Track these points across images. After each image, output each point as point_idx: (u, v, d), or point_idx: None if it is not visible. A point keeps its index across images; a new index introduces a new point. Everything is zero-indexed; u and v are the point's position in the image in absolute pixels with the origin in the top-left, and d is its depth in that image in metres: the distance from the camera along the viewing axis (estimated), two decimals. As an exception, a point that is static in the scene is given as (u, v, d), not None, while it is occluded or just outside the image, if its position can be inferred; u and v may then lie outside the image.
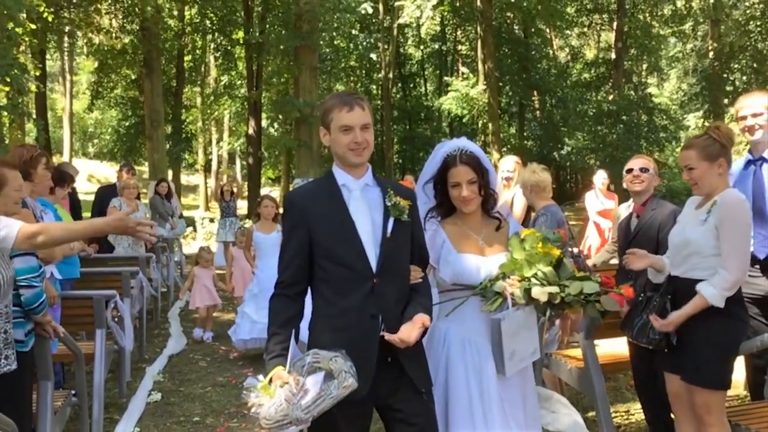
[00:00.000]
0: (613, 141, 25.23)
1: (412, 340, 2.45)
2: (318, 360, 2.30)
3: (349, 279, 2.49)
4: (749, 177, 3.99)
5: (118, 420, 4.92)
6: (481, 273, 2.87)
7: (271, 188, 31.27)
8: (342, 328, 2.47)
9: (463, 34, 31.63)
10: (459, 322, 2.87)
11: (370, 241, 2.51)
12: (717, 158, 3.09)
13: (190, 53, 24.57)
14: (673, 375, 3.22)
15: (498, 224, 3.00)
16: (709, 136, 3.13)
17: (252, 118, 22.46)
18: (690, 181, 3.17)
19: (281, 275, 2.57)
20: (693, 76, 28.27)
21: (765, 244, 3.88)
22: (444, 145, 3.02)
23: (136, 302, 6.61)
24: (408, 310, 2.55)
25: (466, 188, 2.88)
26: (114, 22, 19.68)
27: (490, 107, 23.37)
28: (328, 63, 25.24)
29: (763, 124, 3.94)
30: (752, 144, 4.02)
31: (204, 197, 28.31)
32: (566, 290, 2.76)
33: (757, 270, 3.88)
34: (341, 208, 2.53)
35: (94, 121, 40.10)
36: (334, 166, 2.63)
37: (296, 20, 16.47)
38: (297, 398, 2.22)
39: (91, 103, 25.30)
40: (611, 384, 5.42)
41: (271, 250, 6.53)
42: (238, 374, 6.22)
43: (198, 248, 8.82)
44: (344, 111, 2.51)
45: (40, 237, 2.82)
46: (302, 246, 2.51)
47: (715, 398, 3.09)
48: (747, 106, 4.00)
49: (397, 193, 2.59)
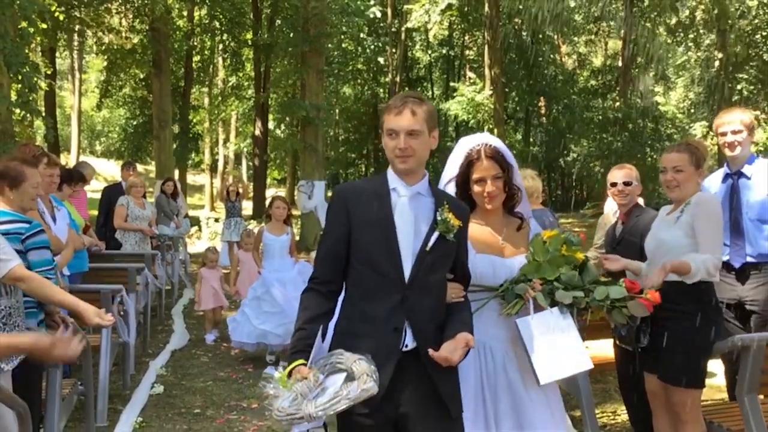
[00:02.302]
0: (618, 148, 25.33)
1: (456, 360, 2.32)
2: (341, 361, 2.23)
3: (379, 286, 2.38)
4: (727, 190, 4.18)
5: (121, 410, 5.11)
6: (500, 275, 2.79)
7: (276, 189, 31.46)
8: (362, 334, 2.37)
9: (471, 40, 31.79)
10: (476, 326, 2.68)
11: (409, 251, 2.39)
12: (700, 167, 3.27)
13: (199, 54, 24.78)
14: (651, 374, 3.38)
15: (519, 224, 2.91)
16: (696, 147, 3.29)
17: (259, 120, 22.66)
18: (672, 182, 3.31)
19: (316, 269, 2.50)
20: (699, 85, 28.37)
21: (740, 254, 4.07)
22: (466, 140, 2.93)
23: (141, 298, 6.80)
24: (449, 328, 2.42)
25: (491, 184, 2.77)
26: (124, 22, 19.93)
27: (496, 113, 23.51)
28: (336, 66, 25.43)
29: (742, 140, 4.11)
30: (731, 159, 4.19)
31: (209, 197, 28.50)
32: (591, 295, 2.71)
33: (732, 277, 4.06)
34: (386, 212, 2.42)
35: (102, 119, 40.41)
36: (389, 168, 2.51)
37: (304, 23, 16.66)
38: (313, 395, 2.17)
39: (100, 102, 25.56)
40: (601, 386, 5.58)
41: (280, 252, 6.57)
42: (238, 370, 6.41)
43: (205, 249, 8.94)
44: (392, 114, 2.41)
45: (23, 284, 3.10)
46: (340, 241, 2.43)
47: (690, 396, 3.24)
48: (727, 123, 4.17)
49: (451, 209, 2.46)
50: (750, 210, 4.12)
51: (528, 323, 2.68)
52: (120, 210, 8.24)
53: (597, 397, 4.81)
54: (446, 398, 2.39)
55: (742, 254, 4.09)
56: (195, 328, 8.22)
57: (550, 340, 2.66)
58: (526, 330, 2.68)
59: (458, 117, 25.17)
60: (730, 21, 23.09)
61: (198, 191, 33.38)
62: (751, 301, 4.08)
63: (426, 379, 2.36)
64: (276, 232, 6.64)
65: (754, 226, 4.09)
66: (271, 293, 6.39)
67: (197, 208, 27.05)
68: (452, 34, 31.71)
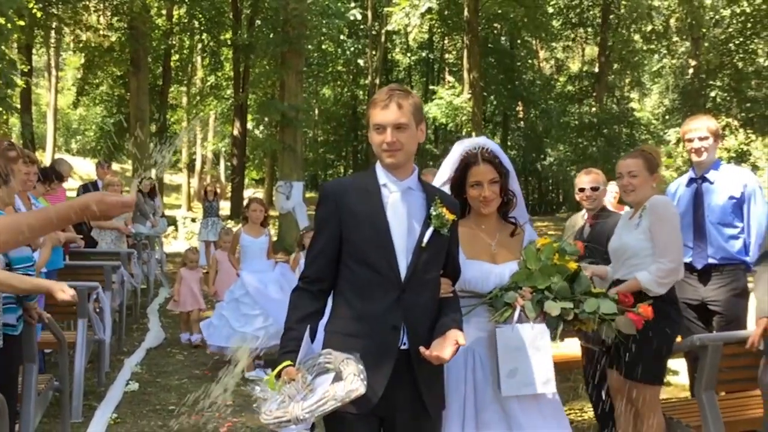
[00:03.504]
0: (594, 153, 25.67)
1: (447, 358, 2.27)
2: (330, 361, 2.19)
3: (374, 284, 2.33)
4: (691, 194, 4.33)
5: (96, 407, 5.13)
6: (490, 281, 2.76)
7: (254, 190, 31.40)
8: (358, 334, 2.32)
9: (451, 43, 32.04)
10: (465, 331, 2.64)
11: (403, 248, 2.36)
12: (654, 172, 3.41)
13: (178, 53, 24.69)
14: (614, 371, 3.50)
15: (513, 230, 2.87)
16: (650, 153, 3.44)
17: (237, 120, 22.63)
18: (628, 187, 3.48)
19: (306, 269, 2.43)
20: (674, 91, 28.87)
21: (703, 256, 4.23)
22: (462, 142, 2.90)
23: (116, 296, 6.81)
24: (440, 324, 2.39)
25: (488, 188, 2.74)
26: (102, 20, 19.81)
27: (474, 116, 23.69)
28: (315, 67, 25.47)
29: (708, 146, 4.27)
30: (696, 164, 4.34)
31: (186, 197, 28.36)
32: (581, 306, 2.67)
33: (695, 278, 4.21)
34: (378, 209, 2.37)
35: (79, 117, 40.01)
36: (377, 163, 2.47)
37: (284, 24, 16.68)
38: (300, 396, 2.13)
39: (77, 100, 25.34)
40: (569, 384, 5.71)
41: (258, 254, 6.52)
42: (213, 368, 6.43)
43: (185, 249, 8.85)
44: (378, 108, 2.36)
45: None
46: (332, 241, 2.37)
47: (650, 392, 3.37)
48: (694, 129, 4.32)
49: (444, 203, 2.42)
50: (712, 213, 4.27)
51: (506, 333, 2.64)
52: (96, 209, 8.21)
53: (565, 394, 4.92)
54: (431, 398, 2.39)
55: (705, 256, 4.24)
56: (171, 327, 8.23)
57: (523, 355, 2.62)
58: (503, 339, 2.65)
59: (437, 120, 25.33)
60: (703, 29, 23.53)
61: (175, 191, 33.20)
62: (713, 302, 4.23)
63: (414, 378, 2.34)
64: (254, 233, 6.59)
65: (716, 229, 4.25)
66: (251, 295, 6.31)
67: (174, 207, 26.93)
68: (432, 38, 31.92)
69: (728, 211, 4.25)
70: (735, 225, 4.23)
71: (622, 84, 32.02)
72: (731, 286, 4.18)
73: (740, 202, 4.24)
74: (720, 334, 3.26)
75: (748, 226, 4.22)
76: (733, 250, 4.21)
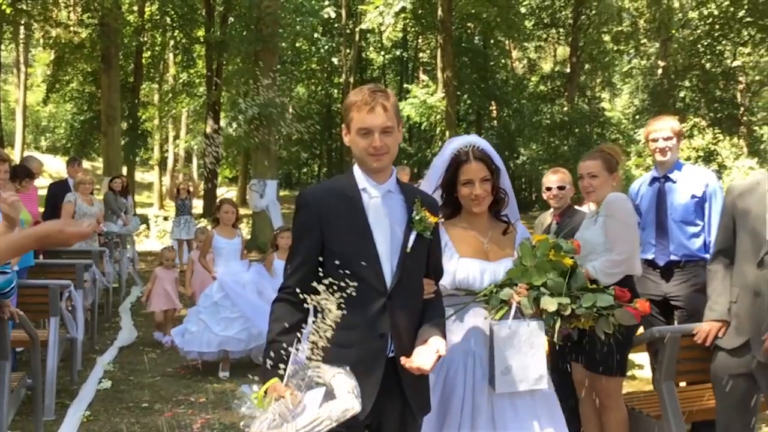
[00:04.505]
0: (565, 152, 25.99)
1: (428, 369, 2.23)
2: (319, 374, 2.09)
3: (360, 292, 2.23)
4: (654, 192, 4.47)
5: (69, 404, 5.14)
6: (485, 279, 2.74)
7: (227, 188, 31.27)
8: (346, 344, 2.24)
9: (425, 42, 32.20)
10: (461, 331, 2.74)
11: (387, 253, 2.31)
12: (614, 171, 3.54)
13: (150, 50, 24.48)
14: (577, 364, 3.62)
15: (505, 228, 2.86)
16: (609, 153, 3.56)
17: (210, 117, 22.52)
18: (588, 188, 3.61)
19: (287, 279, 2.33)
20: (644, 92, 29.34)
21: (665, 253, 4.37)
22: (453, 141, 2.88)
23: (88, 294, 6.80)
24: (422, 331, 2.35)
25: (480, 186, 2.72)
26: (72, 16, 19.56)
27: (448, 115, 23.85)
28: (289, 65, 25.42)
29: (672, 146, 4.41)
30: (660, 164, 4.48)
31: (158, 195, 28.14)
32: (578, 302, 2.65)
33: (657, 275, 4.35)
34: (359, 215, 2.31)
35: (48, 114, 39.43)
36: (355, 166, 2.40)
37: (257, 22, 16.65)
38: (292, 415, 2.03)
39: (47, 97, 24.99)
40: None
41: (233, 255, 6.42)
42: (186, 366, 6.45)
43: (162, 248, 8.70)
44: (364, 112, 2.28)
45: None
46: (313, 249, 2.29)
47: (612, 384, 3.50)
48: (659, 130, 4.45)
49: (424, 205, 2.38)
50: (674, 212, 4.41)
51: (502, 331, 2.61)
52: (67, 207, 8.18)
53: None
54: (417, 403, 2.37)
55: (667, 253, 4.38)
56: (143, 326, 8.22)
57: (518, 353, 2.61)
58: (499, 337, 2.62)
59: (411, 119, 25.45)
60: (672, 31, 23.95)
61: (146, 189, 32.91)
62: (674, 297, 4.36)
63: (400, 384, 2.31)
64: (227, 235, 6.47)
65: (677, 227, 4.38)
66: (230, 297, 6.19)
67: (145, 206, 26.70)
68: (406, 37, 32.03)
69: (690, 209, 4.38)
70: (696, 223, 4.37)
71: (593, 84, 32.47)
72: (692, 282, 4.31)
73: (702, 201, 4.37)
74: (678, 326, 3.40)
75: (709, 225, 4.35)
76: (694, 248, 4.35)
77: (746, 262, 3.23)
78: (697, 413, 3.76)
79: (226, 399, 5.45)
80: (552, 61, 34.20)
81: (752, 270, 3.18)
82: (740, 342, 3.23)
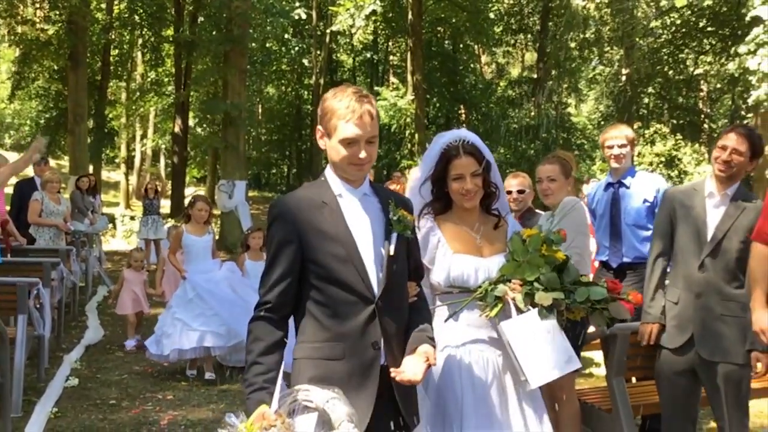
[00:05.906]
0: (531, 156, 26.40)
1: (419, 380, 2.18)
2: (309, 398, 1.97)
3: (348, 302, 2.17)
4: (609, 198, 4.69)
5: (36, 401, 5.18)
6: (479, 275, 2.70)
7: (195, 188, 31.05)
8: (337, 357, 2.17)
9: (395, 45, 32.38)
10: (456, 329, 2.69)
11: (371, 259, 2.22)
12: (569, 176, 3.74)
13: (117, 48, 24.25)
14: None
15: (497, 222, 2.81)
16: (564, 159, 3.76)
17: (179, 117, 22.39)
18: (547, 191, 3.80)
19: (264, 296, 2.20)
20: (609, 98, 29.93)
21: (618, 255, 4.61)
22: (442, 136, 2.82)
23: (56, 293, 6.81)
24: (412, 339, 2.28)
25: (470, 181, 2.68)
26: (39, 12, 19.29)
27: (417, 118, 24.09)
28: (259, 66, 25.39)
29: (626, 153, 4.63)
30: (614, 170, 4.70)
31: (125, 194, 27.85)
32: (572, 296, 2.64)
33: (611, 276, 4.56)
34: (339, 222, 2.22)
35: (13, 111, 38.71)
36: (329, 170, 2.31)
37: (228, 23, 16.65)
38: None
39: (12, 94, 24.59)
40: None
41: (203, 254, 6.33)
42: (154, 364, 6.46)
43: (131, 249, 8.61)
44: (352, 120, 2.17)
45: None
46: (293, 264, 2.19)
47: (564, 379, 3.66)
48: (614, 137, 4.67)
49: (398, 205, 2.32)
50: (628, 216, 4.63)
51: (512, 326, 2.58)
52: (34, 205, 8.16)
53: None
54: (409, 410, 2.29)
55: (620, 255, 4.61)
56: (109, 325, 8.24)
57: (537, 342, 2.56)
58: (512, 333, 2.58)
59: (381, 121, 25.58)
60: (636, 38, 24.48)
61: (113, 188, 32.53)
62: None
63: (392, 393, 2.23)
64: (197, 233, 6.34)
65: (630, 231, 4.61)
66: (202, 297, 6.13)
67: (112, 205, 26.42)
68: (377, 39, 32.19)
69: (642, 214, 4.60)
70: (648, 227, 4.57)
71: (560, 90, 33.01)
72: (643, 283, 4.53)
73: (653, 206, 4.58)
74: (627, 324, 3.57)
75: (660, 229, 4.58)
76: (645, 250, 4.54)
77: (687, 264, 3.43)
78: (647, 407, 3.97)
79: (192, 396, 5.53)
80: (520, 67, 34.65)
81: (693, 272, 3.39)
82: (683, 341, 3.43)
